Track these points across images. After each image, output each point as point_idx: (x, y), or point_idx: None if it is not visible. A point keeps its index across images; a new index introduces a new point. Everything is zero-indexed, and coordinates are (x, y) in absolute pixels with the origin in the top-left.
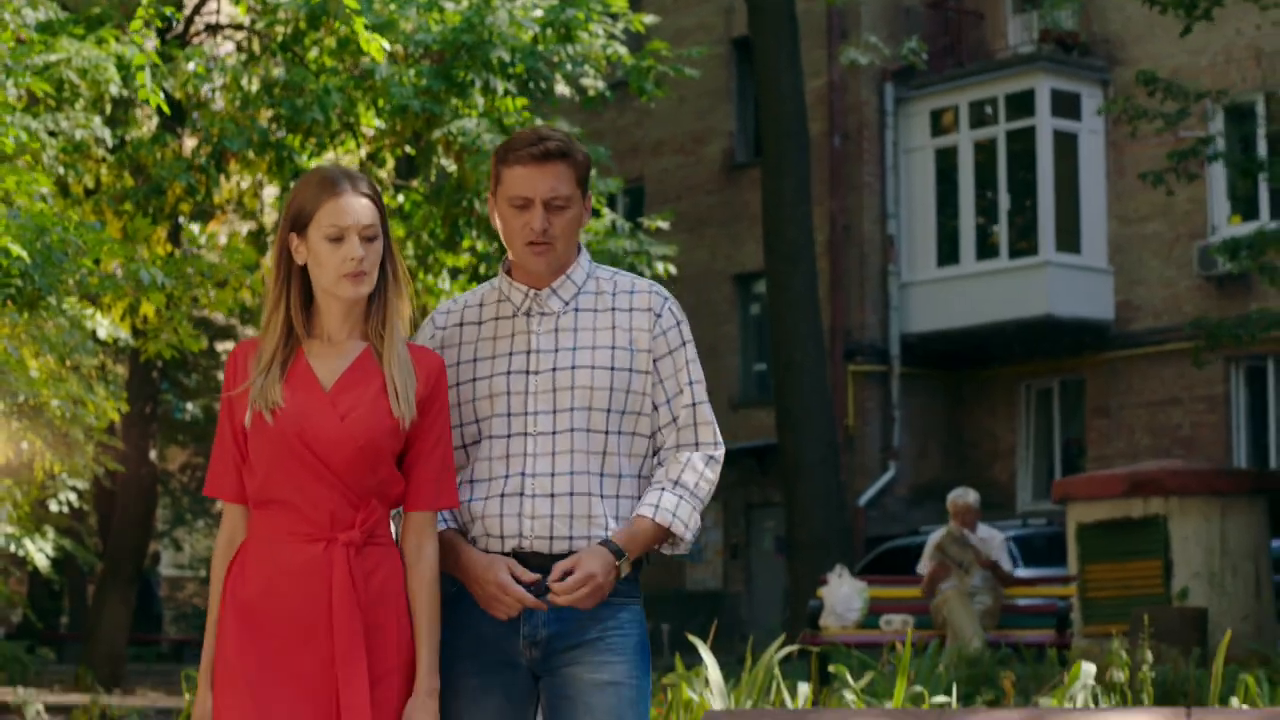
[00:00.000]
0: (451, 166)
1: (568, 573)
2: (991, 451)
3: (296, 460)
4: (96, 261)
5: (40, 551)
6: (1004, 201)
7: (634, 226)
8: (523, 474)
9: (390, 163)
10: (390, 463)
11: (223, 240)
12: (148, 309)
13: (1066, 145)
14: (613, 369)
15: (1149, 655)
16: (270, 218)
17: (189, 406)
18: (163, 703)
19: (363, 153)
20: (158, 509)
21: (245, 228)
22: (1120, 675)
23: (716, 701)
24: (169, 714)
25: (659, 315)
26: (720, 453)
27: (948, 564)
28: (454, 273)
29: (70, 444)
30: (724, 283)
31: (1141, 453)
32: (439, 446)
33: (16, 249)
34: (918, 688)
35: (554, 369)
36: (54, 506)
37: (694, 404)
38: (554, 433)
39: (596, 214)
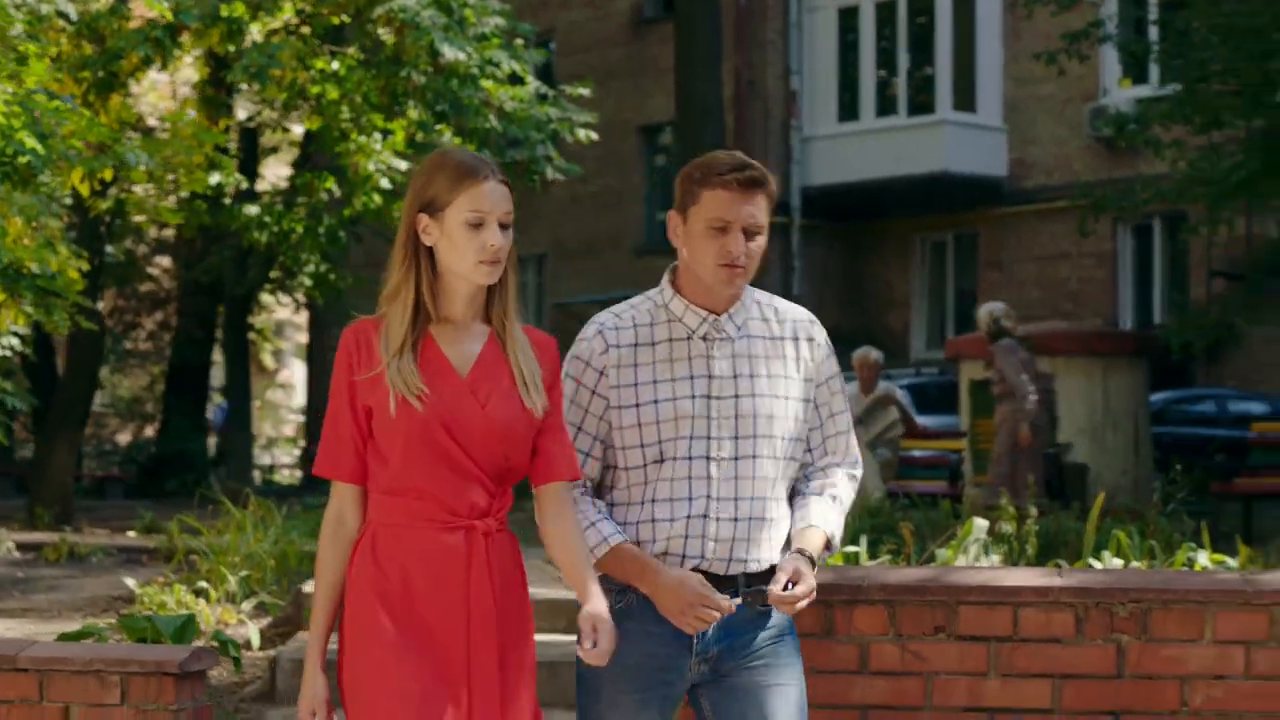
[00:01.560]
0: (389, 38)
1: (791, 581)
2: (887, 301)
3: (438, 449)
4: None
5: None
6: (903, 61)
7: (556, 94)
8: (707, 497)
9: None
10: (522, 451)
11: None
12: (106, 173)
13: (964, 7)
14: (788, 399)
15: (1034, 510)
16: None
17: (109, 249)
18: (117, 540)
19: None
20: None
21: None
22: (1008, 528)
23: None
24: (130, 551)
25: (819, 345)
26: (860, 472)
27: None
28: (385, 134)
29: (48, 304)
30: (630, 134)
31: (1031, 305)
32: (562, 420)
33: (31, 141)
34: None
35: (736, 396)
36: None
37: (846, 431)
38: (736, 458)
39: (521, 82)
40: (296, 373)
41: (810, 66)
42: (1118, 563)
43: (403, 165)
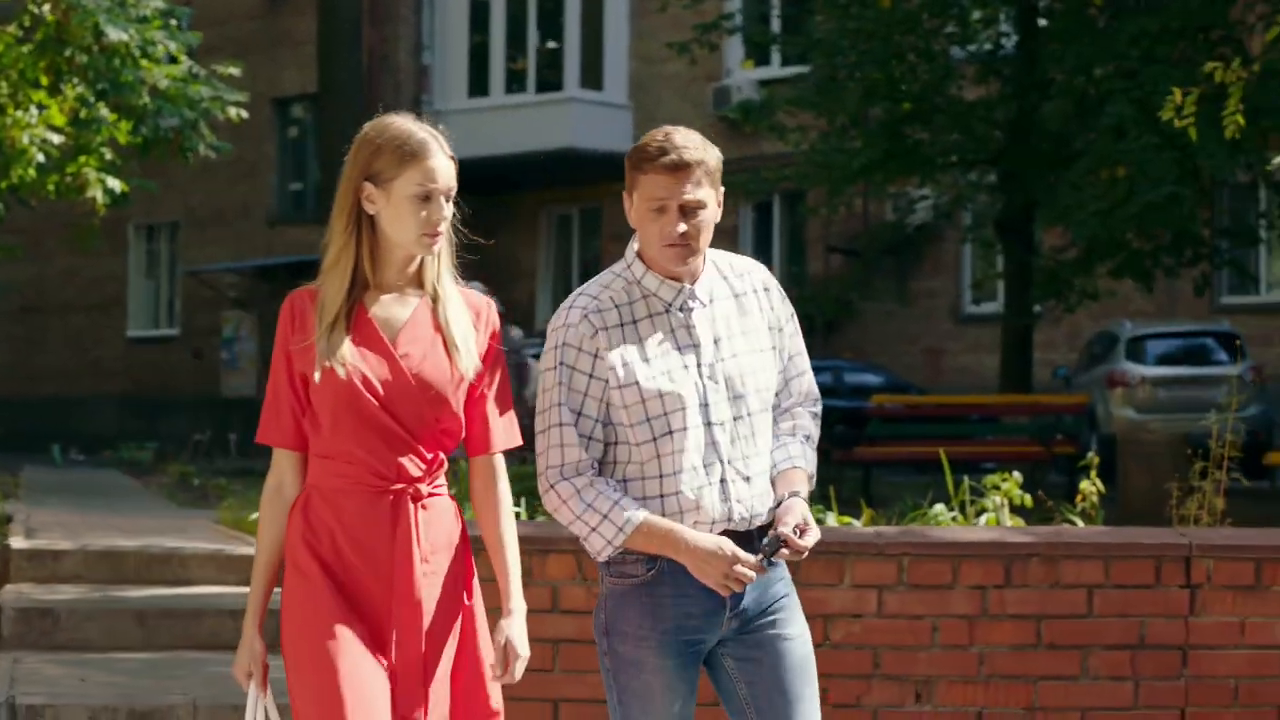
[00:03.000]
0: (52, 17)
1: (798, 529)
2: (514, 273)
3: (366, 414)
4: None
5: None
6: (533, 39)
7: (209, 73)
8: (720, 461)
9: None
10: (454, 413)
11: None
12: None
13: None
14: (762, 351)
15: None
16: None
17: None
18: None
19: None
20: None
21: None
22: None
23: None
24: None
25: (773, 292)
26: (820, 409)
27: None
28: (40, 106)
29: None
30: (264, 105)
31: None
32: (501, 387)
33: None
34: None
35: (721, 360)
36: None
37: (806, 370)
38: (734, 419)
39: (176, 61)
40: None
41: (442, 42)
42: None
43: (57, 139)
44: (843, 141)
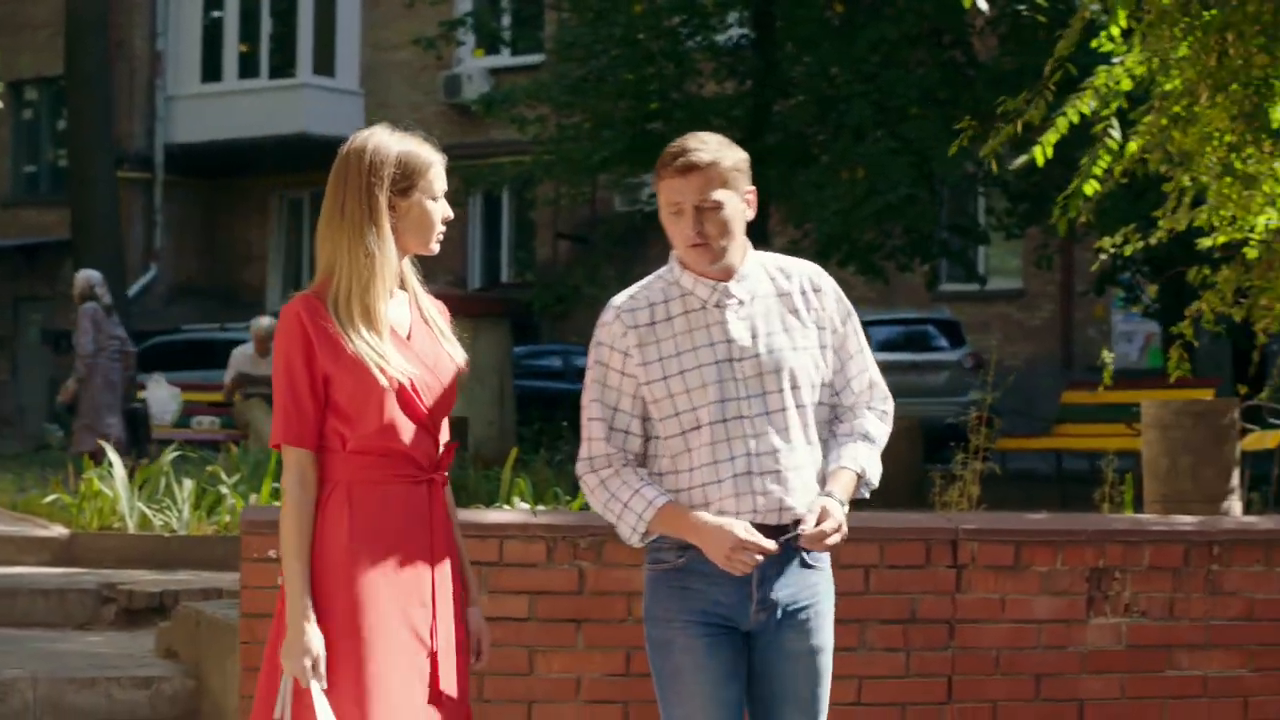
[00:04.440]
0: None
1: (818, 521)
2: (245, 256)
3: (412, 413)
4: None
5: None
6: (267, 25)
7: None
8: (747, 454)
9: None
10: (454, 401)
11: None
12: None
13: None
14: (806, 349)
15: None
16: None
17: None
18: None
19: None
20: None
21: None
22: None
23: (124, 493)
24: None
25: (825, 292)
26: (891, 407)
27: (242, 380)
28: None
29: None
30: None
31: None
32: None
33: None
34: (276, 484)
35: (756, 355)
36: None
37: (868, 369)
38: (767, 413)
39: None
40: None
41: (176, 27)
42: (525, 506)
43: None
44: (580, 134)
